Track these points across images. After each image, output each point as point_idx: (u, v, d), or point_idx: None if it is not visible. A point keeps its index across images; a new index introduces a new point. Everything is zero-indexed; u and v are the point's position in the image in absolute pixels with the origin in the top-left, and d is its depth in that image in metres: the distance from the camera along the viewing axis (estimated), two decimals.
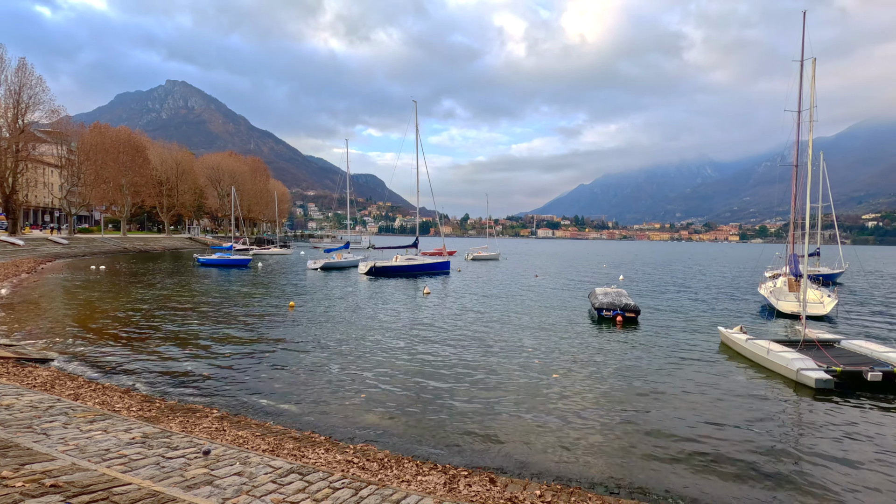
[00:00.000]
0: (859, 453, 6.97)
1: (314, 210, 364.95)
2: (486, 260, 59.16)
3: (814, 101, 15.39)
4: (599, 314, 17.65)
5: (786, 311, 19.23)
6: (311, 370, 10.68)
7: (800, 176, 18.46)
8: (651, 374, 10.76)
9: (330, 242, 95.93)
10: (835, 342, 12.29)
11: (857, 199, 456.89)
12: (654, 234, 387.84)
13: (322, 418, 8.02)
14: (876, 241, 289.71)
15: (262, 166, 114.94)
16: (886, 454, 6.94)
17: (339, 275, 35.42)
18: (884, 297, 27.24)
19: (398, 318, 17.36)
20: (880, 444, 7.31)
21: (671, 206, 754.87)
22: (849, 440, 7.43)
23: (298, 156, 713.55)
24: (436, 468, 6.17)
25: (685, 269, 50.38)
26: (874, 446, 7.23)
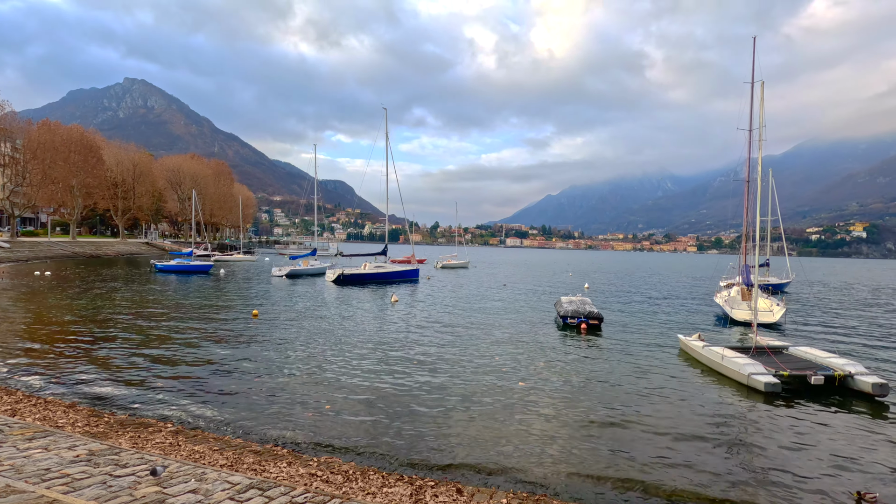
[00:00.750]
0: (802, 450, 7.38)
1: (280, 216, 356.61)
2: (455, 268, 59.33)
3: (762, 121, 16.37)
4: (564, 322, 18.03)
5: (739, 319, 20.19)
6: (274, 380, 10.34)
7: (751, 191, 19.55)
8: (613, 380, 11.02)
9: (296, 249, 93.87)
10: (783, 348, 12.97)
11: (802, 213, 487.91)
12: (618, 245, 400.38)
13: (285, 430, 7.76)
14: (819, 252, 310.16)
15: (226, 170, 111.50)
16: (826, 450, 7.40)
17: (305, 282, 34.64)
18: (827, 305, 29.06)
19: (365, 327, 17.11)
20: (821, 441, 7.77)
21: (634, 218, 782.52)
22: (793, 439, 7.86)
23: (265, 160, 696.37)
24: (402, 479, 6.07)
25: (647, 278, 52.18)
26: (816, 443, 7.69)
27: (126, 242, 71.19)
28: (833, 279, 59.02)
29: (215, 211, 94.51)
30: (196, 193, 58.68)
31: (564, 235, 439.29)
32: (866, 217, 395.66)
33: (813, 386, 10.41)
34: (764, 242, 36.24)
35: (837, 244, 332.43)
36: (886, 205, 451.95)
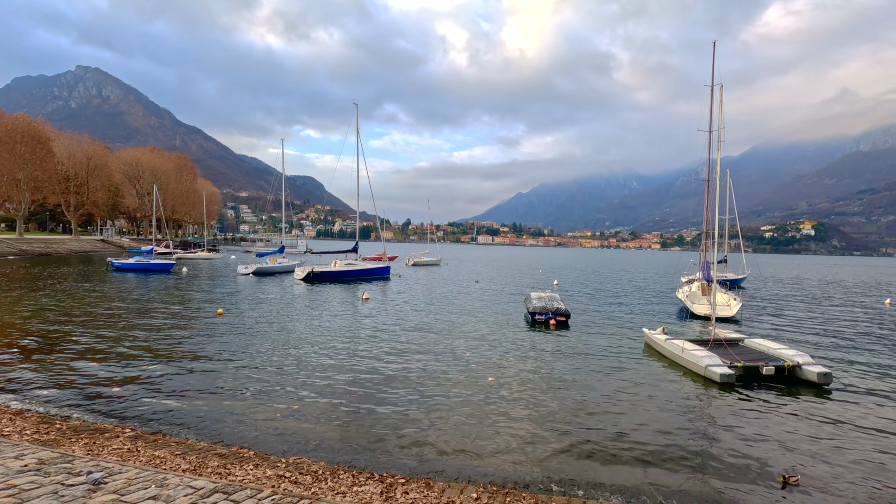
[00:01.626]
0: (745, 437, 7.83)
1: (247, 212, 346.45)
2: (427, 265, 59.28)
3: (721, 124, 17.10)
4: (533, 318, 18.38)
5: (699, 314, 21.08)
6: (240, 381, 10.07)
7: (711, 190, 20.38)
8: (581, 374, 11.31)
9: (263, 246, 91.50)
10: (739, 341, 13.62)
11: (757, 212, 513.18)
12: (586, 242, 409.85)
13: (252, 432, 7.58)
14: (772, 249, 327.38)
15: (188, 164, 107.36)
16: (767, 436, 7.87)
17: (273, 280, 33.83)
18: (780, 299, 30.71)
19: (335, 325, 16.88)
20: (770, 427, 8.25)
21: (601, 216, 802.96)
22: (739, 426, 8.31)
23: (230, 154, 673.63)
24: (373, 477, 6.04)
25: (613, 274, 53.68)
26: (759, 430, 8.16)
27: (79, 240, 67.47)
28: (785, 275, 62.40)
29: (177, 207, 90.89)
30: (157, 188, 56.23)
31: (535, 233, 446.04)
32: (814, 216, 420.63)
33: (765, 376, 11.01)
34: (722, 240, 37.94)
35: (789, 241, 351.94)
36: (832, 204, 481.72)
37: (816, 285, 44.42)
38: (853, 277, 60.11)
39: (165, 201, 79.81)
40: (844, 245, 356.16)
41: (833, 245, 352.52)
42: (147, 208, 78.17)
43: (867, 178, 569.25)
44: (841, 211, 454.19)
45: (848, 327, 19.63)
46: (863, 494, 6.10)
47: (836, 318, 22.51)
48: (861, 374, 11.95)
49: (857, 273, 73.35)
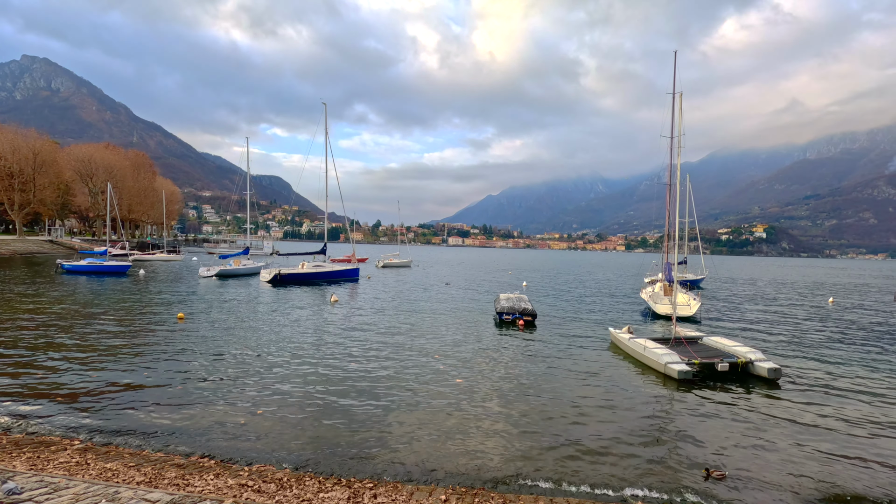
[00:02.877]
0: (707, 428, 8.17)
1: (210, 212, 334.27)
2: (397, 267, 58.91)
3: (681, 130, 17.81)
4: (500, 318, 18.64)
5: (661, 313, 21.85)
6: (201, 388, 9.68)
7: (672, 194, 21.17)
8: (547, 374, 11.50)
9: (227, 248, 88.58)
10: (698, 339, 14.20)
11: (714, 216, 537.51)
12: (554, 244, 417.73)
13: (213, 440, 7.29)
14: (728, 251, 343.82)
15: (146, 161, 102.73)
16: (727, 426, 8.26)
17: (237, 283, 32.77)
18: (736, 299, 32.23)
19: (303, 328, 16.51)
20: (720, 422, 8.66)
21: (569, 218, 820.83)
22: (696, 420, 8.69)
23: (192, 152, 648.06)
24: (340, 483, 5.93)
25: (581, 275, 54.94)
26: (719, 421, 8.56)
27: (25, 240, 63.29)
28: (739, 275, 65.57)
29: (134, 206, 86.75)
30: (111, 187, 53.46)
31: (504, 235, 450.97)
32: (766, 220, 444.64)
33: (720, 372, 11.53)
34: (682, 242, 39.49)
35: (743, 244, 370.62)
36: (782, 209, 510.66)
37: (768, 285, 46.89)
38: (800, 278, 63.84)
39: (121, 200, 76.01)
40: (793, 247, 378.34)
41: (783, 247, 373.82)
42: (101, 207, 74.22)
43: (813, 185, 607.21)
44: (790, 215, 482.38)
45: (796, 325, 20.81)
46: (787, 486, 6.42)
47: (785, 316, 23.82)
48: (807, 369, 12.68)
49: (804, 274, 77.99)
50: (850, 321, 22.45)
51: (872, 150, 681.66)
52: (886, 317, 24.65)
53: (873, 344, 16.69)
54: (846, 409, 9.50)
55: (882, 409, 9.63)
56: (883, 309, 28.30)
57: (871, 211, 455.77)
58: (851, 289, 44.96)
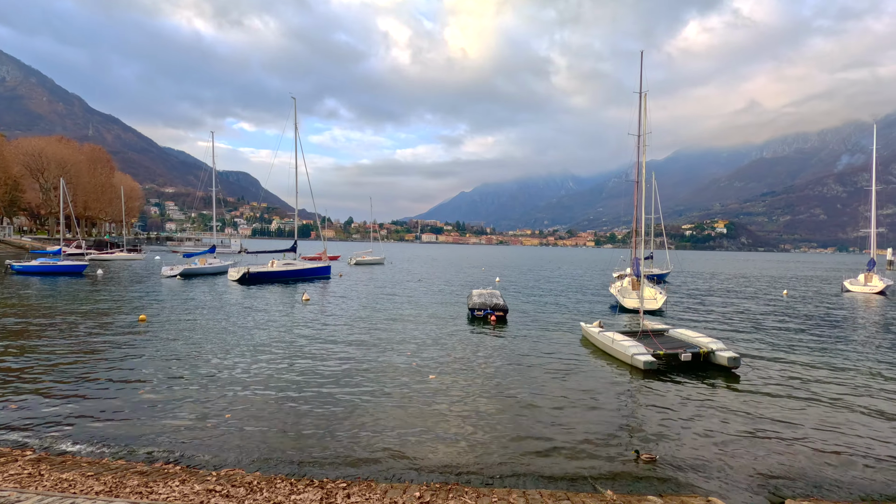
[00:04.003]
0: (664, 415, 8.50)
1: (174, 209, 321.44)
2: (370, 264, 58.39)
3: (647, 129, 18.32)
4: (472, 314, 18.80)
5: (629, 307, 22.50)
6: (165, 392, 9.33)
7: (639, 191, 21.77)
8: (518, 369, 11.66)
9: (192, 246, 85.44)
10: (664, 331, 14.70)
11: (679, 212, 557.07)
12: (526, 240, 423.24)
13: (178, 445, 7.05)
14: (692, 246, 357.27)
15: (103, 156, 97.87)
16: (689, 413, 8.61)
17: (203, 282, 31.72)
18: (699, 292, 33.53)
19: (273, 328, 16.15)
20: (686, 405, 9.01)
21: (540, 215, 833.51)
22: (665, 407, 9.02)
23: (154, 147, 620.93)
24: (312, 484, 5.84)
25: (552, 271, 55.91)
26: (682, 408, 8.91)
27: None
28: (702, 269, 68.25)
29: (90, 203, 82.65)
30: (64, 182, 50.65)
31: (477, 231, 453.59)
32: (726, 216, 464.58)
33: (683, 362, 11.99)
34: (649, 238, 40.75)
35: (705, 239, 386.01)
36: (741, 205, 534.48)
37: (728, 279, 49.00)
38: (758, 271, 67.03)
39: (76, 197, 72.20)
40: (751, 242, 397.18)
41: (742, 242, 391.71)
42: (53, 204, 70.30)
43: (769, 182, 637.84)
44: (748, 211, 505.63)
45: (754, 316, 21.85)
46: (716, 466, 6.73)
47: (744, 308, 24.96)
48: (764, 357, 13.34)
49: (761, 267, 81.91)
50: (802, 312, 23.74)
51: (822, 149, 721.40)
52: (834, 308, 26.19)
53: (823, 333, 17.71)
54: (796, 395, 10.04)
55: (829, 393, 10.23)
56: (831, 300, 30.06)
57: (822, 207, 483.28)
58: (803, 281, 47.54)
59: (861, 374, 11.82)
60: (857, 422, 8.62)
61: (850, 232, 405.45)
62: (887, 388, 10.76)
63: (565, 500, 5.50)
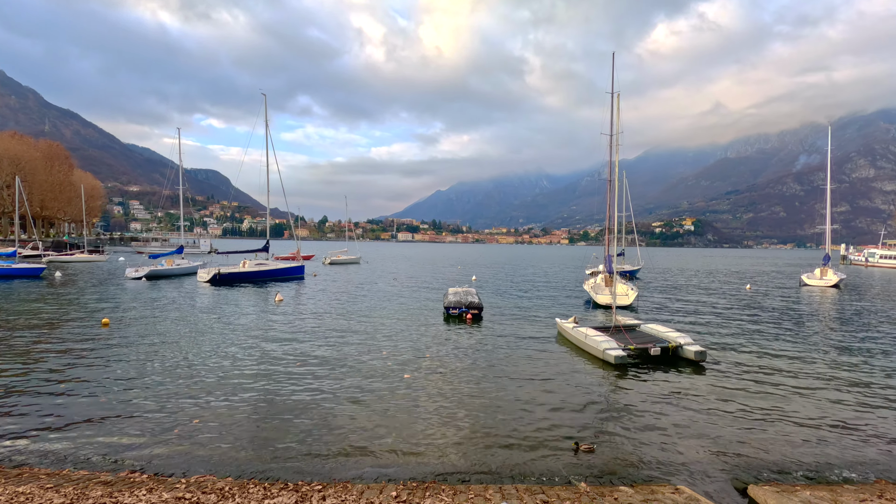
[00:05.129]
0: (643, 408, 8.73)
1: (139, 209, 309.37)
2: (345, 264, 57.74)
3: (619, 128, 18.74)
4: (448, 312, 18.87)
5: (601, 303, 23.00)
6: (130, 398, 8.99)
7: (611, 190, 22.26)
8: (494, 364, 11.77)
9: (159, 246, 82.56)
10: (636, 326, 15.09)
11: (649, 210, 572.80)
12: (502, 238, 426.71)
13: (145, 453, 6.80)
14: (661, 243, 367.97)
15: (61, 153, 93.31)
16: (655, 405, 8.88)
17: (170, 284, 30.68)
18: (668, 287, 34.57)
19: (244, 329, 15.77)
20: (653, 398, 9.30)
21: (515, 213, 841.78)
22: (633, 400, 9.28)
23: (116, 143, 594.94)
24: (286, 487, 5.74)
25: (528, 268, 56.57)
26: (649, 401, 9.18)
27: None
28: (671, 265, 70.39)
29: (48, 202, 78.70)
30: (19, 180, 48.04)
31: (454, 230, 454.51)
32: (693, 213, 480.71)
33: (652, 356, 12.35)
34: (620, 235, 41.75)
35: (674, 236, 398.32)
36: (707, 203, 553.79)
37: (696, 274, 50.71)
38: (723, 267, 69.61)
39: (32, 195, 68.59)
40: (717, 239, 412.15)
41: (708, 239, 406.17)
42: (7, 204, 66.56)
43: (733, 181, 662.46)
44: (714, 209, 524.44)
45: (720, 310, 22.68)
46: (679, 459, 6.93)
47: (711, 302, 25.89)
48: (728, 350, 13.88)
49: (726, 263, 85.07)
50: (764, 305, 24.80)
51: (782, 150, 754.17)
52: (793, 301, 27.47)
53: (783, 325, 18.55)
54: (759, 385, 10.50)
55: (789, 382, 10.73)
56: (790, 294, 31.51)
57: (782, 205, 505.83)
58: (765, 276, 49.66)
59: (818, 364, 12.45)
60: (815, 409, 9.07)
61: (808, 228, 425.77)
62: (843, 376, 11.37)
63: (540, 493, 5.58)
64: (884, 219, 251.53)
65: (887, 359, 13.15)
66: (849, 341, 15.49)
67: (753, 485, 6.07)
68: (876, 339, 15.84)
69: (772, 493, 5.68)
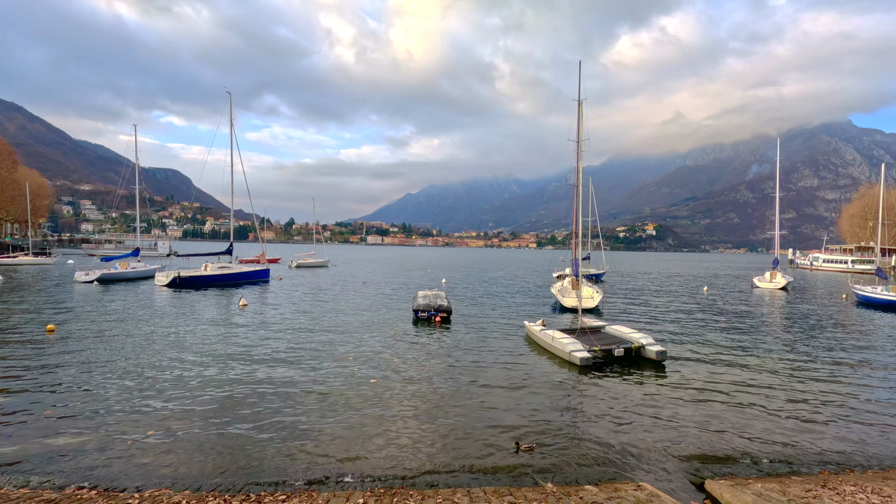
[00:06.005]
0: (606, 408, 8.95)
1: (91, 209, 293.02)
2: (313, 267, 56.62)
3: (585, 135, 19.23)
4: (416, 315, 18.81)
5: (568, 306, 23.49)
6: (75, 409, 8.46)
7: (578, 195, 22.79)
8: (461, 367, 11.79)
9: (113, 249, 78.49)
10: (601, 328, 15.48)
11: (613, 215, 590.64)
12: (472, 242, 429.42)
13: (93, 468, 6.41)
14: (625, 247, 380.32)
15: (4, 148, 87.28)
16: (620, 405, 9.13)
17: (125, 288, 29.19)
18: (632, 290, 35.68)
19: (205, 335, 15.16)
20: (616, 399, 9.55)
21: (485, 217, 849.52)
22: (600, 399, 9.51)
23: (67, 140, 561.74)
24: (248, 499, 5.53)
25: (497, 271, 57.13)
26: (611, 401, 9.44)
27: None
28: (634, 269, 72.77)
29: None
30: None
31: (424, 233, 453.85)
32: (655, 219, 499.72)
33: (616, 357, 12.70)
34: (586, 239, 42.84)
35: (637, 240, 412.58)
36: (668, 209, 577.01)
37: (657, 277, 52.61)
38: (682, 270, 72.58)
39: None
40: (677, 243, 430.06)
41: (669, 243, 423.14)
42: None
43: (691, 188, 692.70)
44: (674, 215, 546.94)
45: (679, 311, 23.61)
46: (637, 455, 7.18)
47: (671, 304, 26.90)
48: (688, 350, 14.44)
49: (685, 266, 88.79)
50: (719, 307, 25.99)
51: (736, 159, 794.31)
52: (746, 303, 28.92)
53: (738, 325, 19.49)
54: (716, 383, 10.96)
55: (743, 380, 11.27)
56: (743, 296, 33.18)
57: (735, 212, 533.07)
58: (720, 279, 52.09)
59: (769, 362, 13.14)
60: (767, 404, 9.55)
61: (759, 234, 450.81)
62: (791, 373, 12.03)
63: (508, 495, 5.61)
64: (826, 225, 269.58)
65: (830, 356, 14.03)
66: (796, 340, 16.43)
67: (710, 479, 6.31)
68: (819, 339, 16.88)
69: (727, 487, 5.93)
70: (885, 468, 7.01)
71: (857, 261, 72.43)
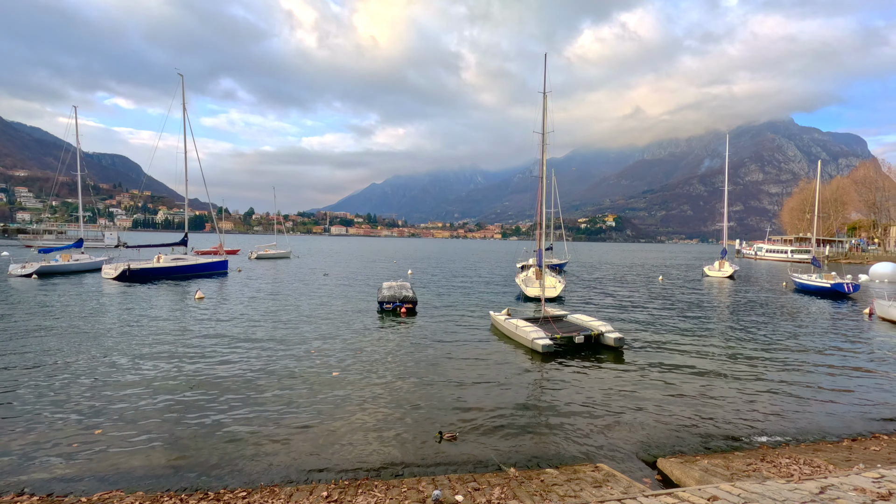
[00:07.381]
0: (567, 393, 9.25)
1: (27, 196, 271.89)
2: (274, 258, 55.05)
3: (548, 128, 19.54)
4: (381, 307, 18.73)
5: (531, 296, 23.99)
6: (11, 409, 7.91)
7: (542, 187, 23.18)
8: (426, 357, 11.86)
9: (54, 239, 73.31)
10: (563, 317, 15.91)
11: (575, 207, 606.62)
12: (438, 232, 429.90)
13: (34, 472, 6.02)
14: (586, 238, 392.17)
15: None
16: (579, 390, 9.47)
17: (67, 282, 27.39)
18: (592, 280, 36.84)
19: (157, 330, 14.48)
20: (574, 383, 9.90)
21: (451, 208, 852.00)
22: (561, 385, 9.82)
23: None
24: (206, 497, 5.37)
25: (463, 262, 57.51)
26: (570, 386, 9.77)
27: None
28: (594, 259, 75.16)
29: None
30: None
31: (389, 224, 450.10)
32: (614, 210, 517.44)
33: (577, 344, 13.13)
34: (549, 230, 43.74)
35: (598, 231, 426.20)
36: (627, 201, 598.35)
37: (616, 267, 54.56)
38: (640, 260, 75.58)
39: None
40: (635, 234, 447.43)
41: (627, 234, 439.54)
42: None
43: (649, 181, 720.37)
44: (632, 207, 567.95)
45: (637, 299, 24.61)
46: (593, 437, 7.63)
47: (629, 292, 28.00)
48: (644, 336, 15.11)
49: (642, 257, 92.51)
50: (673, 295, 27.29)
51: (690, 153, 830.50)
52: (697, 290, 30.50)
53: (689, 312, 20.55)
54: (669, 367, 11.55)
55: (694, 363, 11.93)
56: (695, 284, 34.96)
57: (689, 204, 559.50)
58: (674, 268, 54.64)
59: (717, 345, 13.95)
60: (715, 387, 10.15)
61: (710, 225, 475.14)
62: (736, 355, 12.83)
63: (472, 481, 5.72)
64: (769, 217, 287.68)
65: (770, 340, 15.05)
66: (741, 326, 17.51)
67: (662, 458, 6.67)
68: (761, 324, 18.07)
69: (676, 464, 6.28)
70: (816, 441, 7.63)
71: (795, 251, 77.76)
